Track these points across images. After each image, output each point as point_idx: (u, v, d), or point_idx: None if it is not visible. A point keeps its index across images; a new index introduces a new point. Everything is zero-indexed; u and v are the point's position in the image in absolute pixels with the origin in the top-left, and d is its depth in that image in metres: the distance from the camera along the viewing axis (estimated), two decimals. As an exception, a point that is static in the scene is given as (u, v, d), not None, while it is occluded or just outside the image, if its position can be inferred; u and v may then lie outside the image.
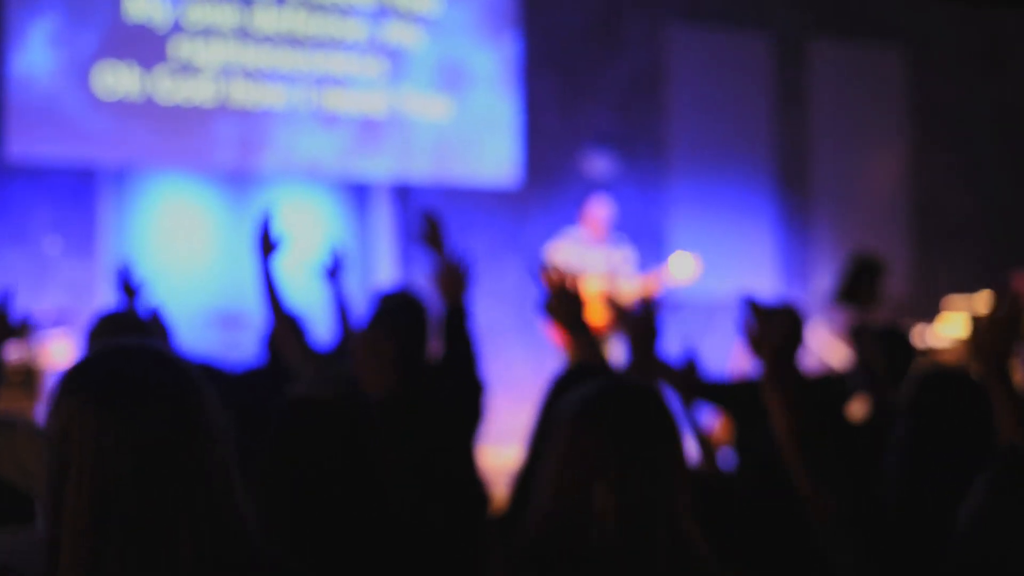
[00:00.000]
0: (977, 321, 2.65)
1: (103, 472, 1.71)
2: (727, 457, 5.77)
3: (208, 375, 1.88)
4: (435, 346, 4.33)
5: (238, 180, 10.05)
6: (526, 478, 3.38)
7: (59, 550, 1.71)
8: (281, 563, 1.81)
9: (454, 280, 4.26)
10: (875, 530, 2.38)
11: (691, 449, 4.55)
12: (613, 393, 2.12)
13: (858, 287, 6.16)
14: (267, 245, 4.43)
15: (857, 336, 4.62)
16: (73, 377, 1.78)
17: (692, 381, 4.45)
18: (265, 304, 4.46)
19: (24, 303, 8.35)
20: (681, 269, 9.55)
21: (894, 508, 2.73)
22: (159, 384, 1.77)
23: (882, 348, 4.69)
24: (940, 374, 3.06)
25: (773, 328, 2.63)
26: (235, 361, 5.88)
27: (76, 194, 9.28)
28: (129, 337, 2.27)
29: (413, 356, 4.04)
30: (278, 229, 4.45)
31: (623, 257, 9.60)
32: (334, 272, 4.99)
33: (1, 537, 4.60)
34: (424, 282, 5.36)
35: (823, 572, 2.47)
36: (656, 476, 2.03)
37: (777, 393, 2.58)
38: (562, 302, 3.70)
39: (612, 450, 2.04)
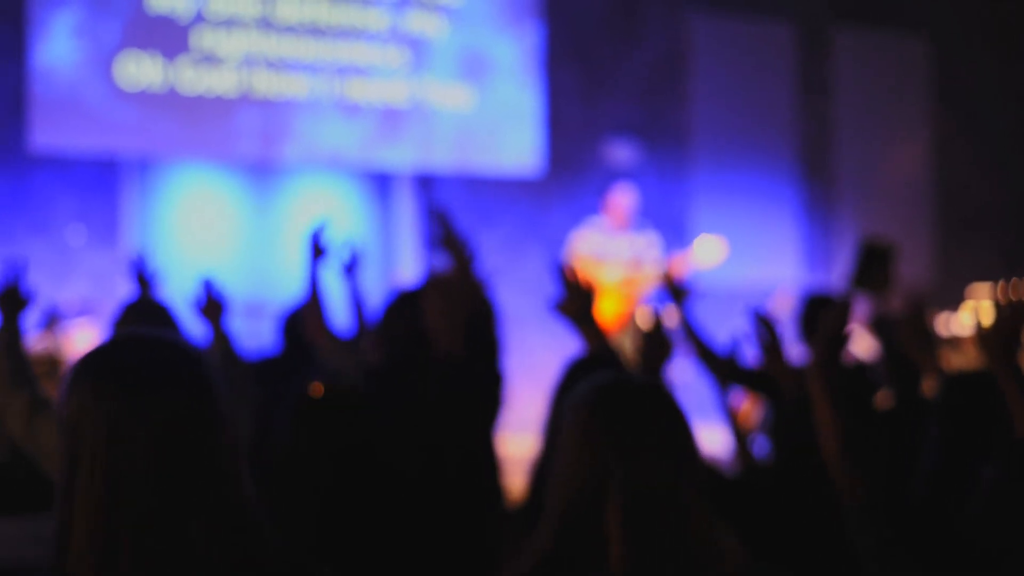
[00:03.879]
0: (986, 314, 2.64)
1: (116, 460, 1.72)
2: (758, 444, 5.76)
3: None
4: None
5: (260, 170, 10.07)
6: (541, 470, 3.38)
7: (71, 536, 1.72)
8: (288, 552, 1.82)
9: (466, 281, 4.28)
10: (901, 519, 2.38)
11: (724, 437, 4.57)
12: (611, 391, 2.06)
13: (869, 273, 6.10)
14: (317, 249, 4.51)
15: (880, 327, 4.60)
16: (87, 365, 1.79)
17: (732, 367, 4.45)
18: (306, 295, 4.50)
19: (47, 293, 8.40)
20: (707, 253, 9.55)
21: (923, 504, 2.73)
22: (172, 373, 1.78)
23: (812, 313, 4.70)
24: (968, 375, 3.05)
25: (826, 320, 2.61)
26: (252, 350, 5.89)
27: (99, 184, 9.32)
28: (148, 326, 2.29)
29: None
30: (330, 236, 4.53)
31: (648, 243, 9.58)
32: (351, 268, 5.00)
33: (18, 526, 4.63)
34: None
35: (855, 559, 2.46)
36: (664, 473, 1.99)
37: (821, 384, 2.57)
38: (573, 299, 3.70)
39: (615, 451, 1.99)
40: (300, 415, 3.45)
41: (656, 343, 3.66)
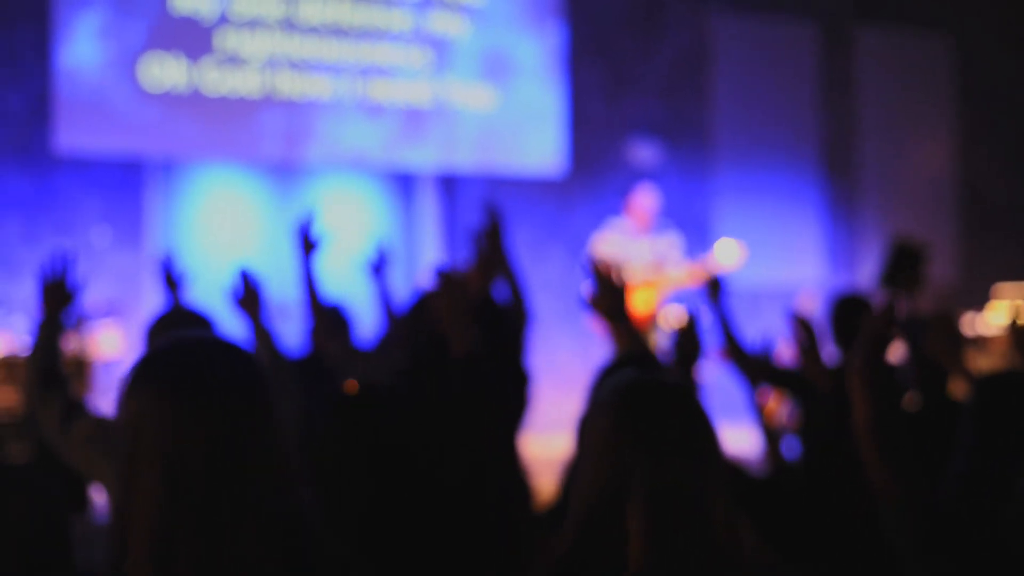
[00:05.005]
0: (1019, 314, 2.63)
1: (174, 462, 1.74)
2: (786, 443, 5.75)
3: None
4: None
5: (284, 171, 10.10)
6: (573, 471, 3.38)
7: (129, 537, 1.74)
8: (340, 555, 1.82)
9: (492, 271, 4.29)
10: (938, 521, 2.38)
11: (753, 437, 4.56)
12: (633, 391, 2.06)
13: (900, 272, 6.09)
14: (308, 244, 4.45)
15: (907, 328, 4.59)
16: (145, 369, 1.81)
17: (765, 367, 4.45)
18: (305, 302, 4.48)
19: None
20: (726, 256, 9.52)
21: (956, 506, 2.72)
22: (229, 377, 1.80)
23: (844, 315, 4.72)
24: (1000, 375, 3.03)
25: (870, 319, 2.60)
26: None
27: (124, 185, 9.35)
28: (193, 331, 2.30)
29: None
30: (319, 228, 4.47)
31: (669, 243, 9.55)
32: (379, 268, 4.99)
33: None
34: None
35: (889, 559, 2.46)
36: (686, 472, 1.98)
37: (862, 384, 2.56)
38: (606, 295, 3.69)
39: (637, 451, 1.99)
40: (336, 414, 3.45)
41: (689, 341, 3.65)
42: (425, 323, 4.00)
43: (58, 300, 3.44)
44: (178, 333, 1.89)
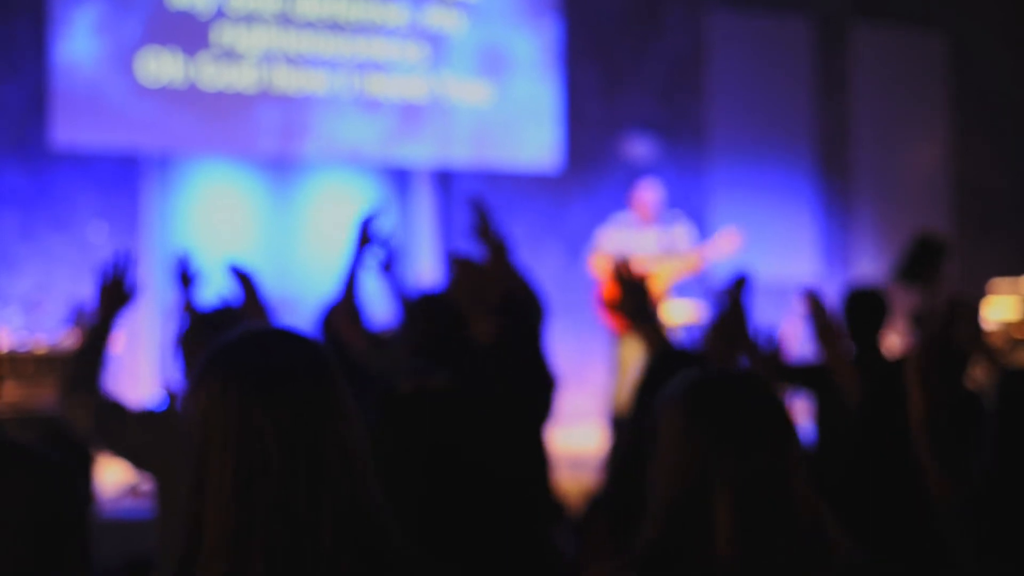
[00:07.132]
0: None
1: (246, 453, 1.72)
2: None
3: None
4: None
5: (280, 166, 10.08)
6: (623, 463, 3.37)
7: (202, 529, 1.72)
8: (409, 547, 1.81)
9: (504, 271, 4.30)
10: (991, 517, 2.38)
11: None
12: (704, 388, 2.04)
13: (920, 267, 6.10)
14: (365, 238, 4.49)
15: (920, 322, 4.61)
16: (214, 360, 1.79)
17: (778, 364, 4.45)
18: (341, 289, 4.49)
19: (69, 289, 8.40)
20: (723, 246, 9.56)
21: (987, 501, 2.72)
22: (296, 367, 1.78)
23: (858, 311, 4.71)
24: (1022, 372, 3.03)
25: (935, 316, 2.61)
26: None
27: (120, 180, 9.32)
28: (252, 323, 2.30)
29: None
30: (381, 226, 4.51)
31: (679, 234, 9.57)
32: (388, 265, 4.98)
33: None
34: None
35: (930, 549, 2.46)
36: (769, 464, 1.97)
37: (923, 380, 2.56)
38: (630, 297, 3.68)
39: (718, 447, 1.98)
40: (388, 413, 3.44)
41: (729, 332, 3.65)
42: (442, 317, 4.00)
43: (115, 301, 3.46)
44: (242, 326, 1.88)
